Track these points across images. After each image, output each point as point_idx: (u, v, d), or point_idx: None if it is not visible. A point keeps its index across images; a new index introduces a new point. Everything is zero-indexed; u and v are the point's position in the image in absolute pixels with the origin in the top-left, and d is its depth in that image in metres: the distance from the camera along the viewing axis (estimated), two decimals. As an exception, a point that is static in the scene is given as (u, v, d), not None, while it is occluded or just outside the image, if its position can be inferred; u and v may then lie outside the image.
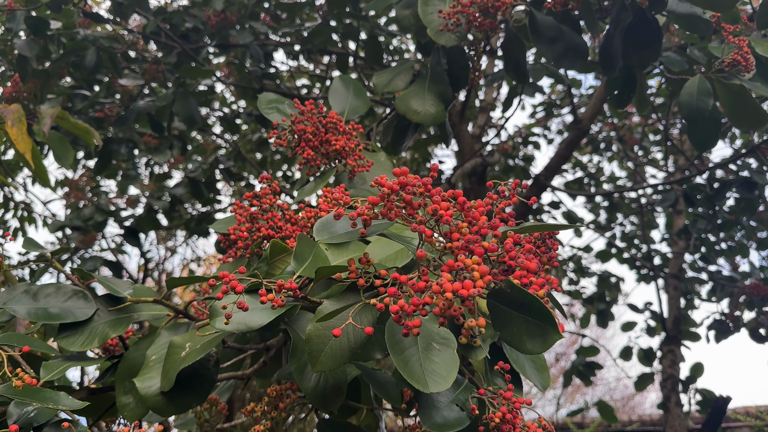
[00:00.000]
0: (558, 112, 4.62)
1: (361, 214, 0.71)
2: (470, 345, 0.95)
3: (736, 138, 4.24)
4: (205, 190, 3.61)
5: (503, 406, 0.85)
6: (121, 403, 1.06)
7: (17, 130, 1.72)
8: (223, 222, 1.24)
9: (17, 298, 1.12)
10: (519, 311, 0.63)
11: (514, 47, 1.49)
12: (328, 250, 1.02)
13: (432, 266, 0.74)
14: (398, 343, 0.82)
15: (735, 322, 3.48)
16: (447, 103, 1.51)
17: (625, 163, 4.92)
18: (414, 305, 0.64)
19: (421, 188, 0.68)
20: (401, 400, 1.05)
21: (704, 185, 3.45)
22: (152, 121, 2.81)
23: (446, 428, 0.84)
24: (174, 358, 0.96)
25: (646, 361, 4.11)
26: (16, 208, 4.28)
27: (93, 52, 2.47)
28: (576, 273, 4.64)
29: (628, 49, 1.47)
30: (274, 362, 1.39)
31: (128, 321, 1.12)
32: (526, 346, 0.64)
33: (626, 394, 10.95)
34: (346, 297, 0.87)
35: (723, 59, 1.54)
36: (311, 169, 1.28)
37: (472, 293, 0.61)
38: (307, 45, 2.91)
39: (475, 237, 0.65)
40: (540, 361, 1.13)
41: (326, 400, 0.93)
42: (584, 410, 4.62)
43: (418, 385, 0.78)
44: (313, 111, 1.27)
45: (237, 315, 0.83)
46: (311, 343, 0.84)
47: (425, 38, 1.57)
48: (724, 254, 3.96)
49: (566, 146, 2.96)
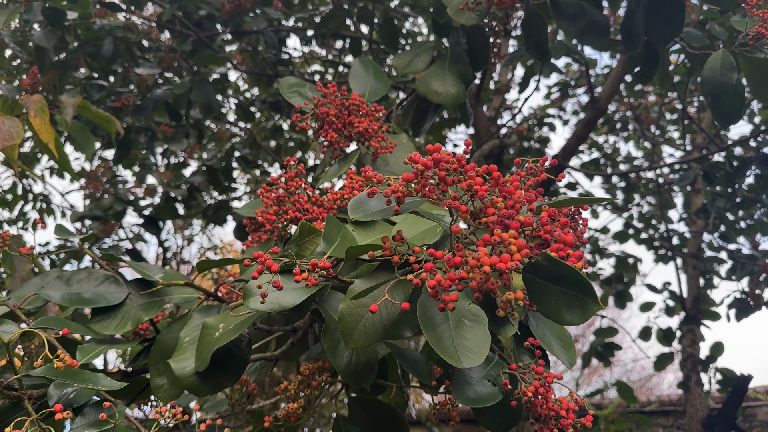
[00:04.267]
0: (573, 92, 4.58)
1: (396, 191, 0.72)
2: (499, 322, 0.96)
3: (755, 115, 4.19)
4: (222, 178, 3.63)
5: (535, 380, 0.86)
6: (156, 384, 1.08)
7: (40, 120, 1.73)
8: (250, 206, 1.25)
9: (51, 284, 1.14)
10: (557, 284, 0.64)
11: (534, 25, 1.48)
12: (356, 231, 1.03)
13: (465, 243, 0.74)
14: (430, 320, 0.83)
15: (755, 300, 3.46)
16: (467, 83, 1.51)
17: (641, 143, 4.87)
18: (451, 280, 0.65)
19: (455, 164, 0.68)
20: (431, 378, 1.06)
21: (723, 163, 3.41)
22: (170, 109, 2.82)
23: (479, 402, 0.85)
24: (208, 339, 0.98)
25: (665, 341, 4.10)
26: (35, 200, 4.34)
27: (110, 41, 2.48)
28: (593, 254, 4.62)
29: (650, 25, 1.45)
30: (299, 344, 1.41)
31: (160, 304, 1.14)
32: (564, 318, 0.64)
33: (643, 375, 10.94)
34: (377, 276, 0.87)
35: (747, 32, 1.52)
36: (335, 151, 1.29)
37: (510, 266, 0.61)
38: (321, 30, 2.90)
39: (510, 211, 0.65)
40: (566, 338, 1.14)
41: (358, 377, 0.94)
42: (603, 391, 4.63)
43: (451, 361, 0.79)
44: (336, 93, 1.27)
45: (271, 295, 0.84)
46: (344, 321, 0.85)
47: (444, 18, 1.56)
48: (743, 233, 3.92)
49: (583, 126, 2.94)
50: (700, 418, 3.50)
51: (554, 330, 1.13)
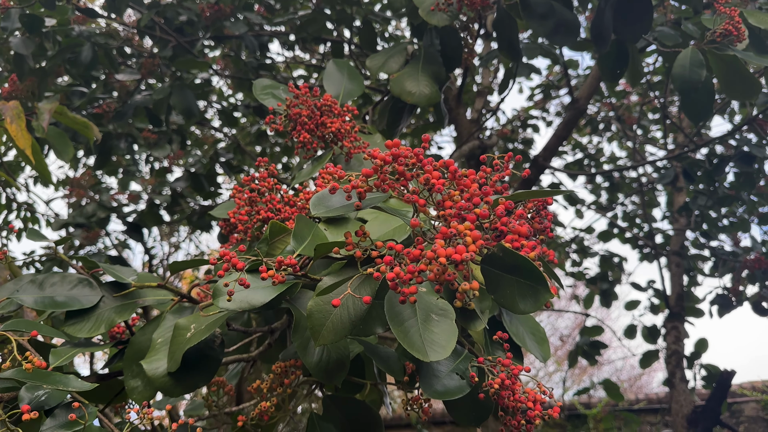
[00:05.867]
0: (556, 93, 4.62)
1: (356, 186, 0.73)
2: (469, 316, 0.97)
3: (735, 113, 4.24)
4: (206, 184, 3.63)
5: (502, 372, 0.87)
6: (130, 386, 1.08)
7: (16, 126, 1.73)
8: (223, 207, 1.25)
9: (24, 288, 1.14)
10: (511, 274, 0.65)
11: (506, 25, 1.49)
12: (327, 229, 1.04)
13: (427, 237, 0.75)
14: (398, 315, 0.84)
15: (738, 296, 3.50)
16: (441, 83, 1.52)
17: (624, 143, 4.92)
18: (410, 272, 0.66)
19: (413, 159, 0.69)
20: (403, 374, 1.07)
21: (703, 161, 3.45)
22: (150, 115, 2.82)
23: (447, 395, 0.86)
24: (180, 340, 0.98)
25: (650, 339, 4.13)
26: (19, 209, 4.31)
27: (89, 48, 2.48)
28: (579, 254, 4.65)
29: (619, 23, 1.47)
30: (278, 345, 1.41)
31: (133, 306, 1.14)
32: (518, 307, 0.65)
33: (633, 375, 11.00)
34: (345, 272, 0.88)
35: (715, 30, 1.55)
36: (308, 152, 1.30)
37: (465, 257, 0.62)
38: (302, 33, 2.91)
39: (467, 204, 0.67)
40: (540, 333, 1.15)
41: (330, 374, 0.95)
42: (590, 389, 4.65)
43: (418, 354, 0.80)
44: (308, 94, 1.28)
45: (239, 293, 0.85)
46: (313, 318, 0.85)
47: (417, 19, 1.57)
48: (725, 230, 3.97)
49: (564, 126, 2.97)
50: (684, 414, 3.53)
51: (528, 325, 1.14)
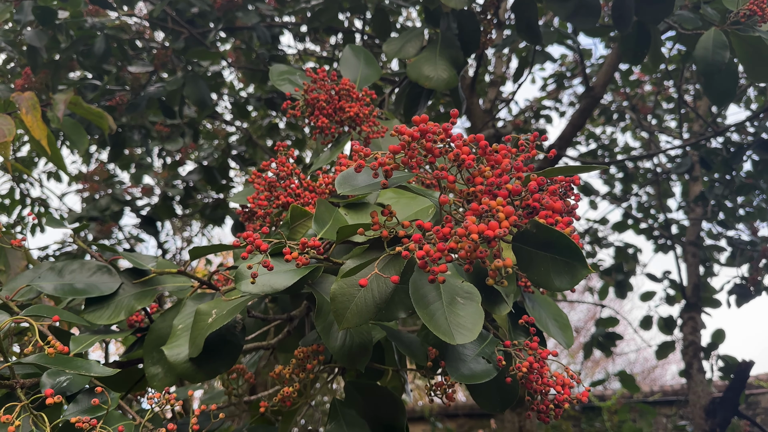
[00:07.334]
0: (569, 83, 4.58)
1: (383, 164, 0.71)
2: (493, 300, 0.95)
3: (751, 102, 4.19)
4: (218, 176, 3.62)
5: (530, 356, 0.85)
6: (150, 373, 1.07)
7: (32, 117, 1.73)
8: (242, 194, 1.24)
9: (43, 276, 1.14)
10: (545, 250, 0.63)
11: (525, 7, 1.47)
12: (348, 213, 1.03)
13: (455, 215, 0.74)
14: (423, 297, 0.82)
15: (756, 285, 3.46)
16: (459, 68, 1.50)
17: (638, 133, 4.87)
18: (440, 250, 0.64)
19: (442, 134, 0.68)
20: (426, 360, 1.05)
21: (720, 149, 3.40)
22: (163, 106, 2.81)
23: (474, 379, 0.85)
24: (201, 325, 0.97)
25: (666, 330, 4.09)
26: (32, 204, 4.34)
27: (102, 39, 2.48)
28: (593, 245, 4.61)
29: (641, 5, 1.44)
30: (296, 334, 1.40)
31: (153, 293, 1.13)
32: (554, 284, 0.63)
33: (647, 367, 10.93)
34: (369, 254, 0.87)
35: (738, 10, 1.51)
36: (326, 137, 1.28)
37: (498, 233, 0.61)
38: (314, 23, 2.89)
39: (498, 180, 0.65)
40: (563, 319, 1.13)
41: (353, 358, 0.93)
42: (605, 381, 4.62)
43: (444, 337, 0.78)
44: (326, 79, 1.26)
45: (262, 277, 0.84)
46: (336, 301, 0.84)
47: (434, 4, 1.55)
48: (742, 219, 3.91)
49: (579, 115, 2.94)
50: (702, 405, 3.50)
51: (551, 311, 1.12)
